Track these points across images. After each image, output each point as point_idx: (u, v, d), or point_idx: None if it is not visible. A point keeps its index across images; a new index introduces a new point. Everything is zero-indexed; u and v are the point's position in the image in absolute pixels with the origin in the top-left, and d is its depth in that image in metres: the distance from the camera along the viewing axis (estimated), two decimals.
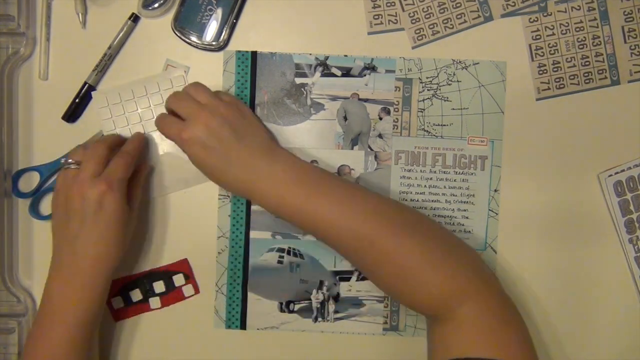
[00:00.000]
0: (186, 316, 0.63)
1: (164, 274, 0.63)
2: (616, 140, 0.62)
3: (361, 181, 0.63)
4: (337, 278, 0.63)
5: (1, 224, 0.61)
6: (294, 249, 0.63)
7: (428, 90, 0.62)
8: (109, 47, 0.61)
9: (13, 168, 0.62)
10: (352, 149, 0.63)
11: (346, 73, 0.62)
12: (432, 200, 0.63)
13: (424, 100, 0.62)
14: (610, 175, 0.62)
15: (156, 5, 0.60)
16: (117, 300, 0.63)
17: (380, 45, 0.62)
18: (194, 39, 0.61)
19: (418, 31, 0.62)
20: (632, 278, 0.62)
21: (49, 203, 0.62)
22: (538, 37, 0.62)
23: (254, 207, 0.63)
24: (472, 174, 0.63)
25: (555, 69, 0.62)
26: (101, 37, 0.61)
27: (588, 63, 0.62)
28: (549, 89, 0.62)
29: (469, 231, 0.63)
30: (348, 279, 0.63)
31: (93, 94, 0.61)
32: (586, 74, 0.62)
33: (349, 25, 0.62)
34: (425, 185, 0.63)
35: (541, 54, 0.62)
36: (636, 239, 0.62)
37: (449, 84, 0.62)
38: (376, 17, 0.62)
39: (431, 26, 0.62)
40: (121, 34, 0.61)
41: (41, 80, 0.62)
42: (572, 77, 0.62)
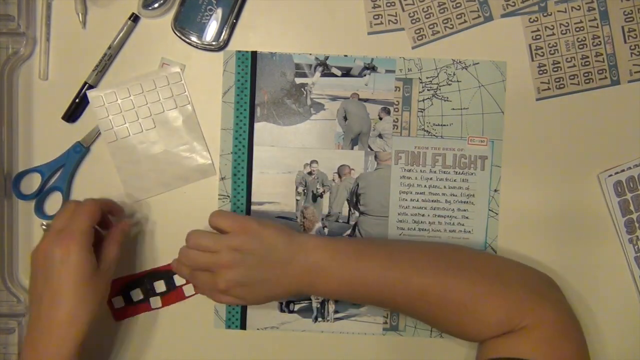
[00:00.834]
0: (187, 316, 0.63)
1: (165, 273, 0.63)
2: (616, 140, 0.62)
3: (361, 181, 0.63)
4: None
5: (1, 224, 0.61)
6: None
7: (428, 90, 0.62)
8: (109, 47, 0.61)
9: (13, 168, 0.62)
10: (352, 149, 0.63)
11: (346, 73, 0.62)
12: (432, 200, 0.63)
13: (424, 100, 0.62)
14: (610, 175, 0.62)
15: (156, 5, 0.60)
16: (118, 300, 0.63)
17: (380, 45, 0.62)
18: (194, 39, 0.61)
19: (418, 31, 0.62)
20: (632, 278, 0.62)
21: (53, 203, 0.62)
22: (538, 37, 0.62)
23: (253, 207, 0.63)
24: (472, 174, 0.63)
25: (555, 69, 0.62)
26: (101, 37, 0.61)
27: (588, 63, 0.62)
28: (549, 89, 0.62)
29: (469, 231, 0.63)
30: None
31: (88, 93, 0.61)
32: (586, 74, 0.62)
33: (349, 25, 0.62)
34: (425, 185, 0.63)
35: (541, 54, 0.62)
36: (636, 239, 0.62)
37: (449, 84, 0.62)
38: (376, 17, 0.62)
39: (431, 26, 0.62)
40: (121, 34, 0.61)
41: (41, 80, 0.62)
42: (572, 77, 0.62)
